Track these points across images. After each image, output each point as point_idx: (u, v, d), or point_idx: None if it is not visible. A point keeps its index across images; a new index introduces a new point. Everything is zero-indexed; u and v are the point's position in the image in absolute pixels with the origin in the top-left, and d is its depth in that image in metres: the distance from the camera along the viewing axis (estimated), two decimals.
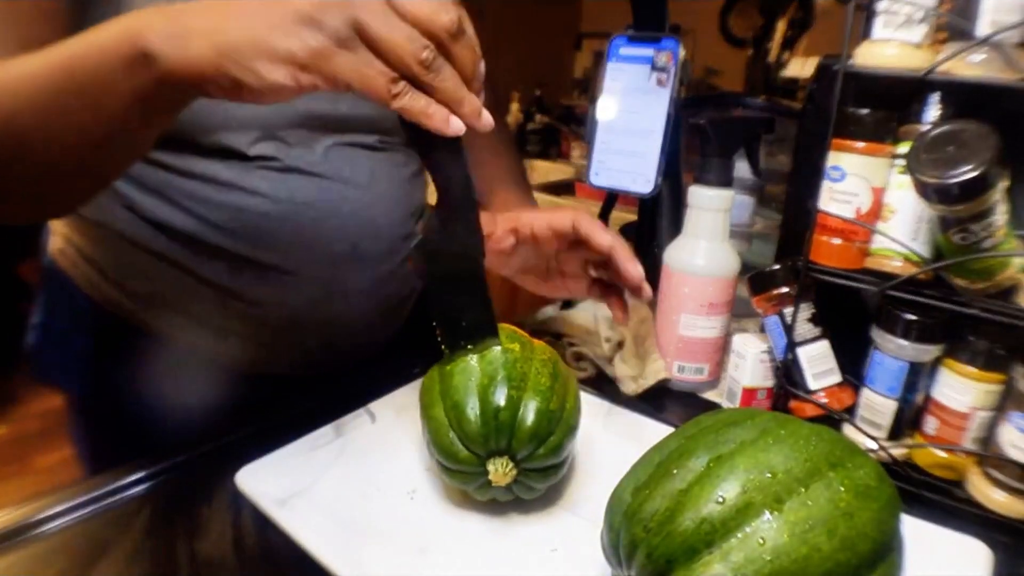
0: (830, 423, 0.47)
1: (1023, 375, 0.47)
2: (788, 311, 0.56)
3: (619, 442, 0.55)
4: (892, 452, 0.53)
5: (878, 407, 0.54)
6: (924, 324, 0.51)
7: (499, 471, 0.43)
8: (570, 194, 1.90)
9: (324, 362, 0.64)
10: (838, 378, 0.57)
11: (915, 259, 0.50)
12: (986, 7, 0.46)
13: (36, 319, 0.64)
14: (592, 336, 0.72)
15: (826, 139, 0.51)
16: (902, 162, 0.50)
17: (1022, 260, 0.47)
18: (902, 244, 0.50)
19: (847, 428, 0.56)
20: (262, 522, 0.45)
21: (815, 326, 0.56)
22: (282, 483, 0.47)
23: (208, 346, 0.60)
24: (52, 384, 0.64)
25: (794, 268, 0.55)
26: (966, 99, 0.48)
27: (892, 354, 0.52)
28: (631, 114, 0.66)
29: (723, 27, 1.56)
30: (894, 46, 0.50)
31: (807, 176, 0.54)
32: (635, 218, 0.82)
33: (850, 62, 0.51)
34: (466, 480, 0.44)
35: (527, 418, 0.42)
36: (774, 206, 0.91)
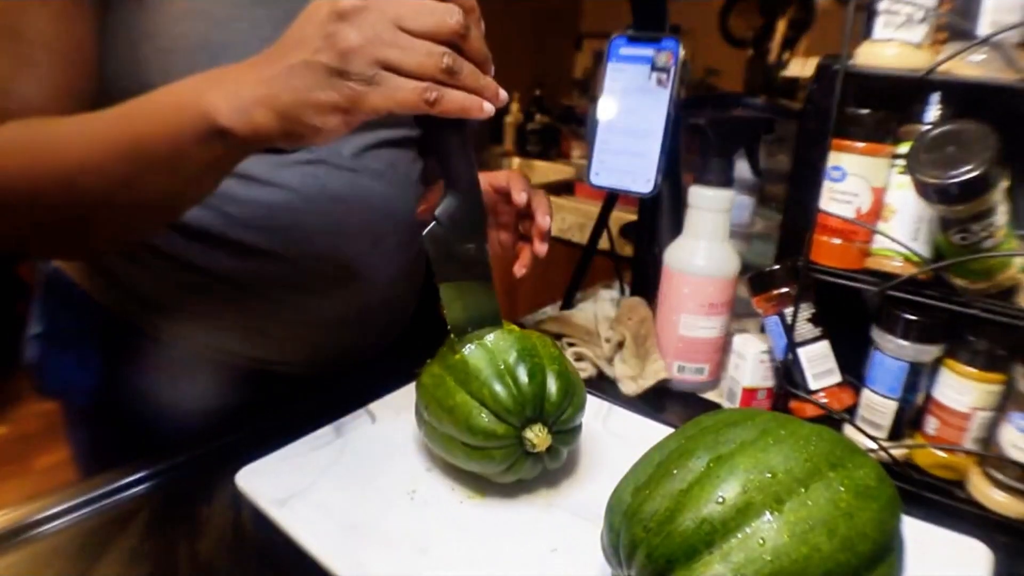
0: (830, 423, 0.47)
1: (1023, 375, 0.47)
2: (788, 311, 0.56)
3: (619, 442, 0.55)
4: (892, 452, 0.53)
5: (878, 407, 0.54)
6: (924, 324, 0.51)
7: (538, 435, 0.45)
8: (570, 194, 1.90)
9: (340, 358, 0.64)
10: (838, 378, 0.57)
11: (915, 259, 0.50)
12: (986, 7, 0.46)
13: (35, 330, 0.63)
14: (592, 336, 0.72)
15: (826, 139, 0.51)
16: (902, 162, 0.50)
17: (1022, 260, 0.47)
18: (902, 244, 0.50)
19: (847, 428, 0.56)
20: (262, 522, 0.45)
21: (815, 326, 0.56)
22: (282, 483, 0.47)
23: (222, 347, 0.59)
24: (60, 397, 0.63)
25: (794, 268, 0.55)
26: (966, 99, 0.48)
27: (892, 354, 0.52)
28: (631, 114, 0.66)
29: (723, 27, 1.56)
30: (894, 46, 0.50)
31: (807, 176, 0.54)
32: (635, 218, 0.82)
33: (850, 62, 0.51)
34: (504, 459, 0.45)
35: (552, 383, 0.46)
36: (774, 206, 0.91)
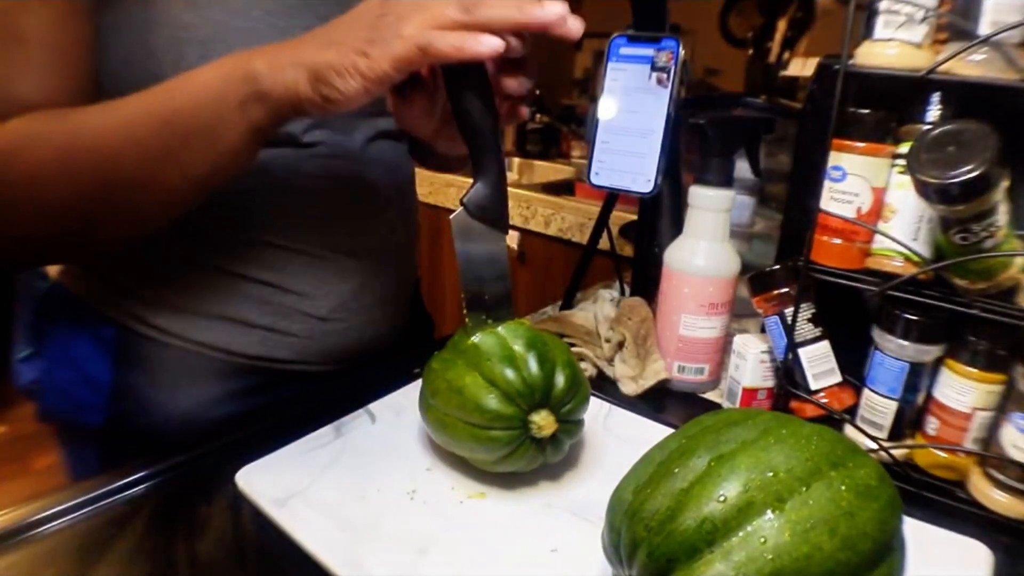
0: (831, 423, 0.47)
1: (1023, 375, 0.47)
2: (788, 311, 0.56)
3: (619, 442, 0.55)
4: (893, 452, 0.53)
5: (879, 407, 0.54)
6: (925, 324, 0.51)
7: (545, 419, 0.46)
8: (570, 194, 1.90)
9: (354, 354, 0.64)
10: (838, 378, 0.57)
11: (916, 259, 0.50)
12: (986, 7, 0.46)
13: (26, 352, 0.60)
14: (592, 336, 0.72)
15: (826, 139, 0.51)
16: (902, 162, 0.50)
17: (1022, 260, 0.47)
18: (903, 244, 0.50)
19: (848, 428, 0.56)
20: (262, 522, 0.45)
21: (815, 326, 0.56)
22: (282, 483, 0.47)
23: (233, 346, 0.59)
24: (70, 418, 0.60)
25: (794, 268, 0.55)
26: (966, 99, 0.48)
27: (893, 354, 0.52)
28: (631, 114, 0.66)
29: (723, 27, 1.56)
30: (894, 46, 0.50)
31: (807, 176, 0.54)
32: (635, 218, 0.82)
33: (850, 62, 0.51)
34: (508, 441, 0.46)
35: (559, 372, 0.47)
36: (774, 206, 0.91)
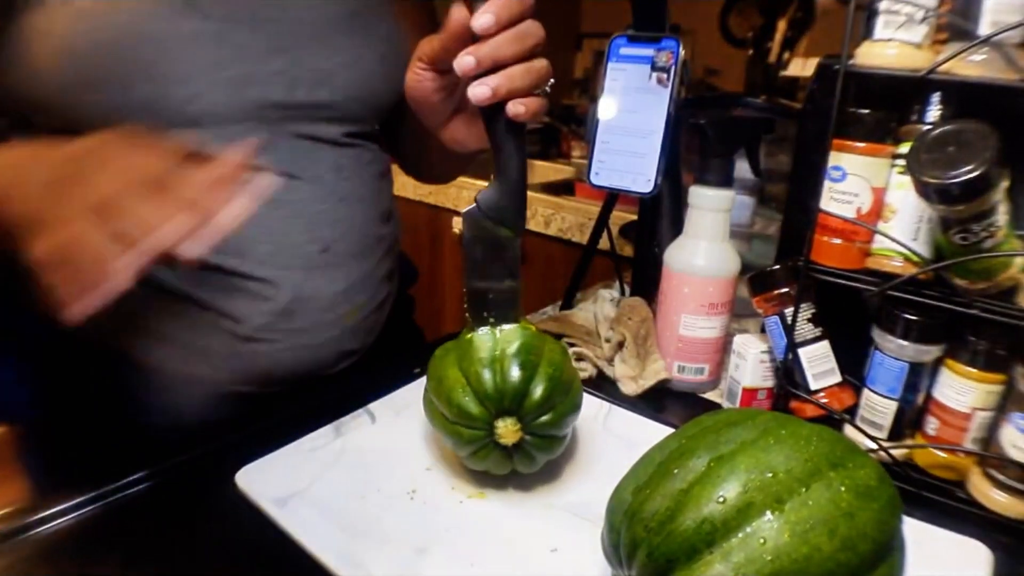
0: (831, 423, 0.47)
1: (1023, 375, 0.47)
2: (788, 311, 0.56)
3: (619, 442, 0.55)
4: (892, 452, 0.53)
5: (879, 407, 0.54)
6: (925, 324, 0.50)
7: (508, 428, 0.45)
8: (570, 194, 1.90)
9: (295, 376, 0.60)
10: (838, 378, 0.57)
11: (916, 259, 0.50)
12: (986, 7, 0.46)
13: None
14: (592, 336, 0.72)
15: (826, 139, 0.51)
16: (902, 162, 0.50)
17: (1022, 260, 0.47)
18: (902, 244, 0.50)
19: (848, 428, 0.56)
20: (262, 522, 0.45)
21: (815, 326, 0.56)
22: (282, 483, 0.47)
23: (174, 364, 0.56)
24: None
25: (794, 268, 0.55)
26: (966, 99, 0.48)
27: (893, 354, 0.52)
28: (631, 114, 0.66)
29: (723, 27, 1.56)
30: (894, 46, 0.50)
31: (807, 176, 0.54)
32: (635, 218, 0.82)
33: (850, 62, 0.51)
34: (471, 440, 0.46)
35: (539, 383, 0.45)
36: (774, 206, 0.91)
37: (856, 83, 0.50)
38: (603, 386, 0.66)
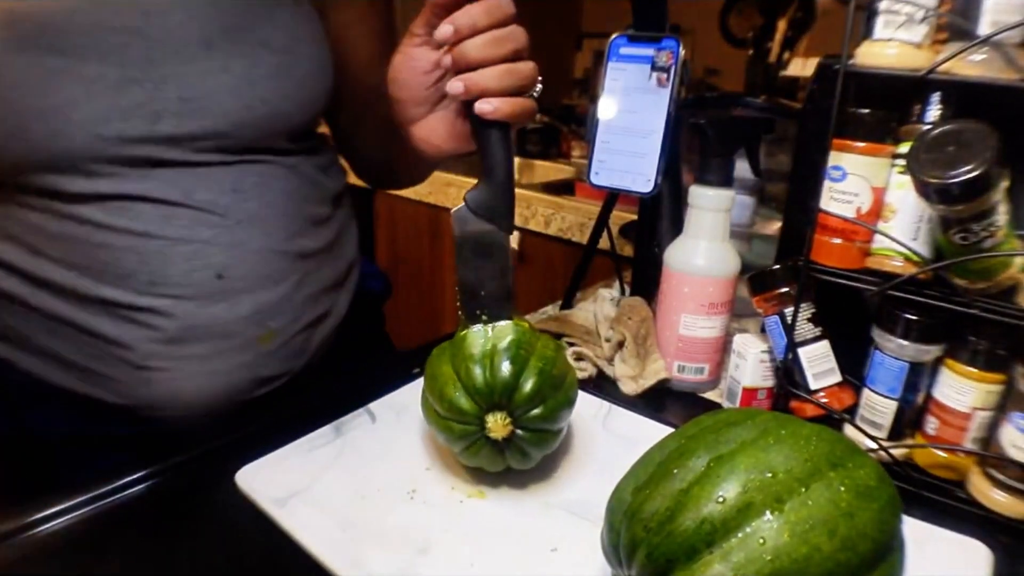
0: (830, 423, 0.47)
1: (1023, 375, 0.47)
2: (788, 311, 0.56)
3: (619, 442, 0.55)
4: (892, 452, 0.53)
5: (878, 407, 0.54)
6: (925, 324, 0.50)
7: (497, 423, 0.45)
8: (570, 194, 1.90)
9: (204, 402, 0.56)
10: (838, 378, 0.57)
11: (916, 259, 0.50)
12: (986, 7, 0.46)
13: None
14: (592, 336, 0.72)
15: (826, 139, 0.51)
16: (902, 162, 0.50)
17: (1022, 260, 0.47)
18: (902, 244, 0.50)
19: (847, 428, 0.56)
20: (262, 522, 0.45)
21: (815, 326, 0.56)
22: (282, 483, 0.47)
23: (80, 388, 0.54)
24: None
25: (794, 268, 0.55)
26: (966, 99, 0.48)
27: (892, 354, 0.52)
28: (631, 114, 0.66)
29: (723, 27, 1.56)
30: (894, 46, 0.50)
31: (807, 176, 0.54)
32: (635, 218, 0.82)
33: (850, 62, 0.51)
34: (462, 435, 0.46)
35: (529, 377, 0.45)
36: (774, 206, 0.91)
37: (856, 83, 0.50)
38: (603, 386, 0.66)
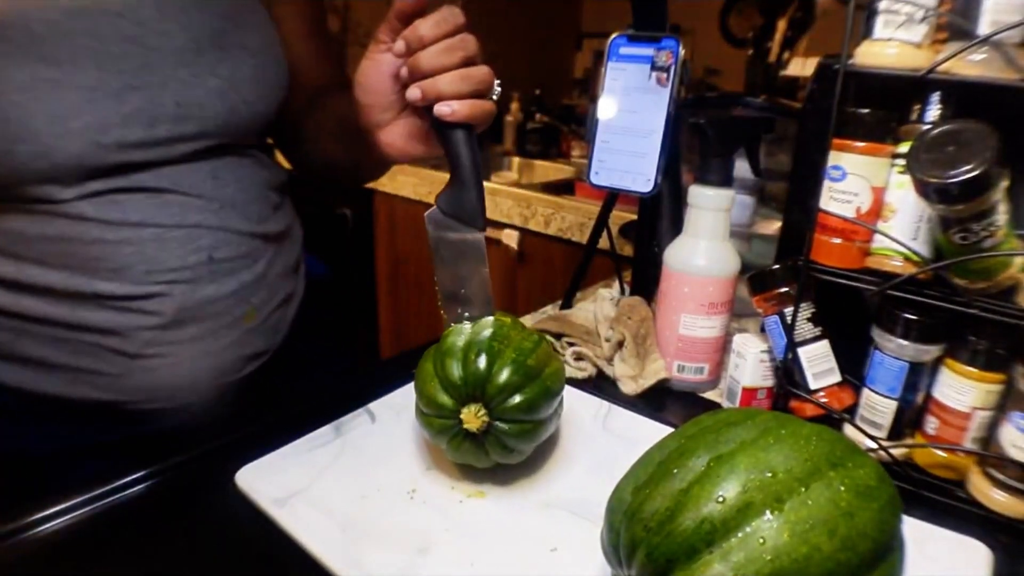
0: (830, 423, 0.47)
1: (1023, 375, 0.47)
2: (788, 311, 0.56)
3: (619, 442, 0.55)
4: (892, 452, 0.53)
5: (878, 407, 0.54)
6: (924, 324, 0.50)
7: (471, 414, 0.45)
8: (570, 193, 1.90)
9: (198, 385, 0.58)
10: (838, 378, 0.57)
11: (915, 259, 0.50)
12: (986, 7, 0.46)
13: None
14: (592, 336, 0.72)
15: (826, 139, 0.51)
16: (902, 162, 0.50)
17: (1022, 260, 0.47)
18: (902, 244, 0.50)
19: (847, 428, 0.56)
20: (262, 522, 0.45)
21: (815, 326, 0.56)
22: (282, 483, 0.47)
23: (58, 390, 0.55)
24: None
25: (794, 268, 0.55)
26: (966, 99, 0.48)
27: (892, 354, 0.52)
28: (631, 114, 0.66)
29: (723, 27, 1.56)
30: (894, 46, 0.50)
31: (807, 176, 0.54)
32: (635, 218, 0.82)
33: (850, 62, 0.51)
34: (441, 429, 0.46)
35: (503, 368, 0.46)
36: (774, 206, 0.91)
37: (856, 83, 0.50)
38: (603, 386, 0.66)
